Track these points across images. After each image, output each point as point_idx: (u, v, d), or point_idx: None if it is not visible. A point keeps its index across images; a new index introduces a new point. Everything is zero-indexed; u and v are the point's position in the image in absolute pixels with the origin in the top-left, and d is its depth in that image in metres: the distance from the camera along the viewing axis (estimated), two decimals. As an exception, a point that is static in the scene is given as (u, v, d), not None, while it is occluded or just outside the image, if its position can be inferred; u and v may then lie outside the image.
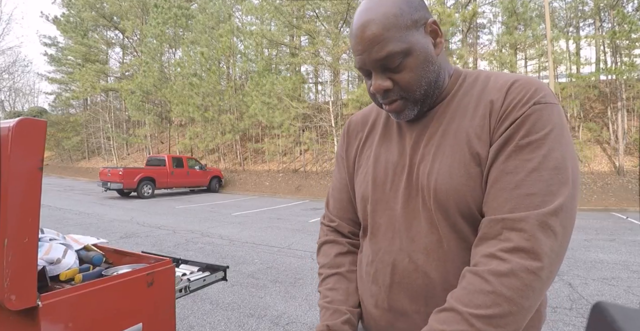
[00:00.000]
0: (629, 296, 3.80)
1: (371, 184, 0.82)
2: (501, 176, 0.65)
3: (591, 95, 15.70)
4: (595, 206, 11.54)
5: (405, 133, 0.81)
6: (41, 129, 0.85)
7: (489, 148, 0.68)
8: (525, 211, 0.61)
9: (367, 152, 0.88)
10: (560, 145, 0.64)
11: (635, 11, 14.29)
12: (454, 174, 0.70)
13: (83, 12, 28.23)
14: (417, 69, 0.71)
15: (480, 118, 0.70)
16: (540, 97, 0.66)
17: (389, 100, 0.74)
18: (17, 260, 0.83)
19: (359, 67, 0.74)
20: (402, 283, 0.75)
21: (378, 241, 0.80)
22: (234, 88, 20.62)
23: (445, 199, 0.70)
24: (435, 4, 15.23)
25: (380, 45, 0.68)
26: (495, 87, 0.72)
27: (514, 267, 0.58)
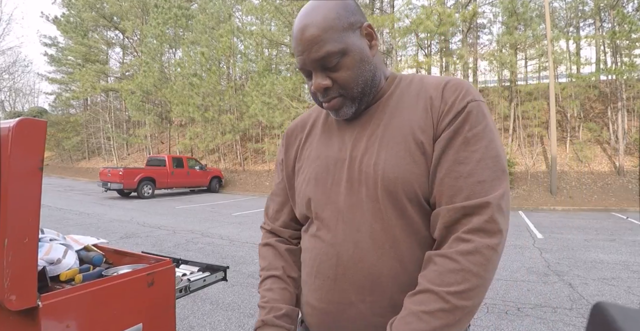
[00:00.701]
0: (629, 296, 3.80)
1: (313, 181, 0.84)
2: (454, 166, 0.71)
3: (591, 95, 15.70)
4: (596, 206, 11.54)
5: (345, 130, 0.85)
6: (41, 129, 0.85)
7: (432, 138, 0.74)
8: (480, 197, 0.68)
9: (307, 151, 0.91)
10: (494, 136, 0.73)
11: (635, 11, 14.28)
12: (400, 162, 0.74)
13: (83, 12, 28.22)
14: (354, 67, 0.76)
15: (421, 112, 0.76)
16: (474, 95, 0.75)
17: (329, 97, 0.78)
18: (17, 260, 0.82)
19: (300, 68, 0.78)
20: (346, 274, 0.77)
21: (321, 235, 0.82)
22: (234, 89, 20.62)
23: (393, 186, 0.74)
24: (435, 4, 15.24)
25: (319, 45, 0.73)
26: (432, 85, 0.79)
27: (477, 245, 0.65)
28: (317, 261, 0.81)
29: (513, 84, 16.59)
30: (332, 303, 0.78)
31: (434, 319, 0.63)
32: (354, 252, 0.76)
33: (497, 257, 0.67)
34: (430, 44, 18.63)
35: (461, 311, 0.64)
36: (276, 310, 0.83)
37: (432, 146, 0.74)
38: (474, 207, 0.67)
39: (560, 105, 15.69)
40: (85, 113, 31.12)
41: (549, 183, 13.29)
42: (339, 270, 0.77)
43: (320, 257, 0.81)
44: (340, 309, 0.78)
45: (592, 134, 15.02)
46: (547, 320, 3.16)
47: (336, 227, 0.79)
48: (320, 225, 0.82)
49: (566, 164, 14.40)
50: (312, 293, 0.83)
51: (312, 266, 0.83)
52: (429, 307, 0.64)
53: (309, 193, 0.85)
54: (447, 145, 0.72)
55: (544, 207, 11.75)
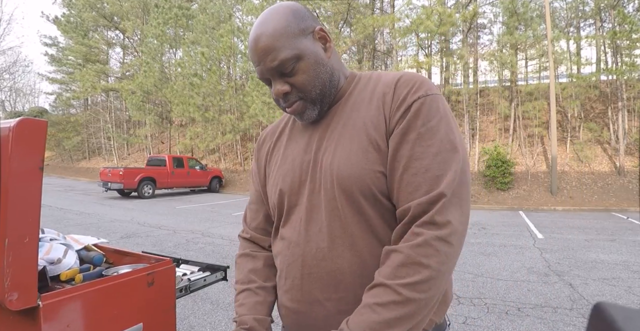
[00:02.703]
0: (629, 296, 3.80)
1: (280, 185, 0.86)
2: (411, 162, 0.71)
3: (592, 95, 15.69)
4: (596, 206, 11.53)
5: (311, 132, 0.86)
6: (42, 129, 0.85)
7: (385, 134, 0.75)
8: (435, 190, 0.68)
9: (275, 157, 0.93)
10: (450, 129, 0.73)
11: (635, 11, 14.28)
12: (353, 159, 0.75)
13: (84, 12, 28.21)
14: (310, 71, 0.78)
15: (375, 109, 0.78)
16: (426, 89, 0.75)
17: (290, 102, 0.80)
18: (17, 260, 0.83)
19: (260, 77, 0.81)
20: (312, 273, 0.78)
21: (288, 237, 0.83)
22: (234, 89, 20.62)
23: (348, 184, 0.75)
24: (435, 4, 15.24)
25: (273, 54, 0.75)
26: (385, 82, 0.80)
27: (426, 238, 0.66)
28: (286, 263, 0.83)
29: (513, 84, 16.58)
30: (302, 302, 0.80)
31: (387, 311, 0.64)
32: (317, 251, 0.78)
33: (449, 248, 0.67)
34: (431, 44, 18.63)
35: (414, 303, 0.65)
36: (242, 323, 0.84)
37: (386, 142, 0.75)
38: (428, 202, 0.68)
39: (560, 105, 15.68)
40: (85, 113, 31.12)
41: (549, 183, 13.29)
42: (304, 270, 0.79)
43: (288, 259, 0.82)
44: (309, 308, 0.80)
45: (593, 134, 15.01)
46: (548, 320, 3.16)
47: (300, 228, 0.81)
48: (288, 227, 0.84)
49: (566, 164, 14.39)
50: (285, 294, 0.84)
51: (282, 269, 0.85)
52: (381, 299, 0.65)
53: (277, 196, 0.86)
54: (401, 141, 0.73)
55: (545, 207, 11.74)
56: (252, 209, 1.00)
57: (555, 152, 13.35)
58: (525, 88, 16.23)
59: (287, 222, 0.85)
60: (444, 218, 0.67)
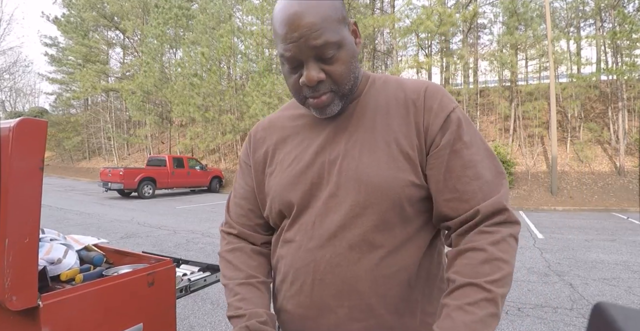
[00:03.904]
0: (629, 296, 3.80)
1: (289, 185, 0.81)
2: (463, 171, 0.72)
3: (592, 95, 15.69)
4: (596, 206, 11.53)
5: (321, 131, 0.82)
6: (42, 129, 0.85)
7: (415, 143, 0.75)
8: (492, 197, 0.71)
9: (280, 155, 0.86)
10: (482, 137, 0.78)
11: (636, 11, 14.27)
12: (383, 167, 0.73)
13: (84, 12, 28.22)
14: (347, 62, 0.73)
15: (403, 118, 0.76)
16: (453, 100, 0.77)
17: (320, 93, 0.73)
18: (18, 260, 0.83)
19: (291, 56, 0.71)
20: (324, 279, 0.75)
21: (298, 240, 0.79)
22: (234, 89, 20.62)
23: (377, 192, 0.73)
24: (435, 4, 15.24)
25: (318, 32, 0.68)
26: (412, 89, 0.78)
27: (503, 235, 0.69)
28: (294, 267, 0.79)
29: (513, 84, 16.58)
30: (311, 308, 0.77)
31: (480, 309, 0.63)
32: (331, 257, 0.74)
33: (516, 244, 0.71)
34: (431, 44, 18.63)
35: (501, 299, 0.65)
36: (257, 315, 0.77)
37: (416, 152, 0.74)
38: (493, 205, 0.70)
39: (560, 105, 15.68)
40: (85, 113, 31.13)
41: (549, 184, 13.28)
42: (316, 275, 0.76)
43: (297, 263, 0.79)
44: (319, 314, 0.77)
45: (593, 134, 15.01)
46: (548, 320, 3.16)
47: (313, 232, 0.77)
48: (297, 230, 0.80)
49: (567, 164, 14.38)
50: (290, 299, 0.81)
51: (288, 273, 0.80)
52: (472, 298, 0.64)
53: (286, 197, 0.81)
54: (450, 152, 0.73)
55: (545, 207, 11.74)
56: (238, 204, 0.93)
57: (556, 152, 13.35)
58: (525, 89, 16.23)
59: (296, 224, 0.81)
60: (513, 217, 0.71)
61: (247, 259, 0.88)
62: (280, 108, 0.96)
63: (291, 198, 0.80)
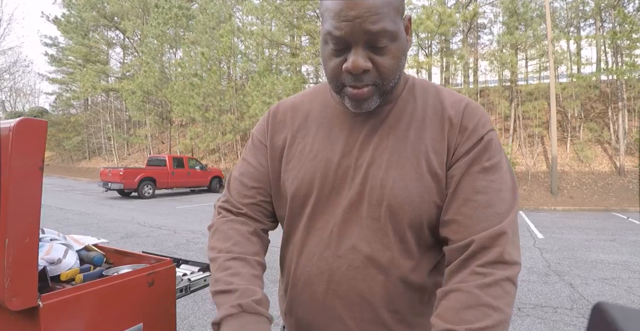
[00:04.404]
0: (629, 296, 3.80)
1: (308, 184, 0.75)
2: (473, 195, 0.67)
3: (592, 95, 15.70)
4: (596, 206, 11.53)
5: (350, 130, 0.75)
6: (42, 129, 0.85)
7: (444, 163, 0.70)
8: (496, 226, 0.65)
9: (300, 145, 0.79)
10: (509, 168, 0.72)
11: (636, 11, 14.27)
12: (410, 185, 0.69)
13: (84, 12, 28.25)
14: (397, 57, 0.66)
15: (438, 133, 0.71)
16: (491, 123, 0.73)
17: (363, 83, 0.66)
18: (17, 260, 0.83)
19: (341, 36, 0.63)
20: (338, 290, 0.73)
21: (312, 246, 0.75)
22: (234, 89, 20.62)
23: (399, 209, 0.69)
24: (435, 4, 15.24)
25: (377, 17, 0.61)
26: (450, 104, 0.73)
27: (496, 278, 0.61)
28: (307, 273, 0.76)
29: (513, 84, 16.58)
30: (321, 316, 0.75)
31: None
32: (348, 270, 0.72)
33: (515, 290, 0.63)
34: (431, 44, 18.62)
35: None
36: (252, 293, 0.67)
37: (444, 171, 0.70)
38: (491, 238, 0.64)
39: (560, 105, 15.68)
40: (85, 113, 31.14)
41: (549, 183, 13.28)
42: (330, 285, 0.73)
43: (311, 269, 0.75)
44: (328, 323, 0.75)
45: (593, 134, 15.02)
46: (548, 320, 3.16)
47: (330, 241, 0.73)
48: (312, 235, 0.76)
49: (567, 164, 14.39)
50: (299, 304, 0.78)
51: (299, 277, 0.77)
52: None
53: (302, 196, 0.76)
54: (464, 173, 0.69)
55: (545, 207, 11.74)
56: (244, 183, 0.83)
57: (556, 152, 13.35)
58: (525, 88, 16.24)
59: (312, 229, 0.76)
60: (511, 257, 0.63)
61: (246, 235, 0.78)
62: (307, 90, 0.88)
63: (308, 198, 0.75)
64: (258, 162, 0.83)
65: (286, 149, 0.80)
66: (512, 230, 0.65)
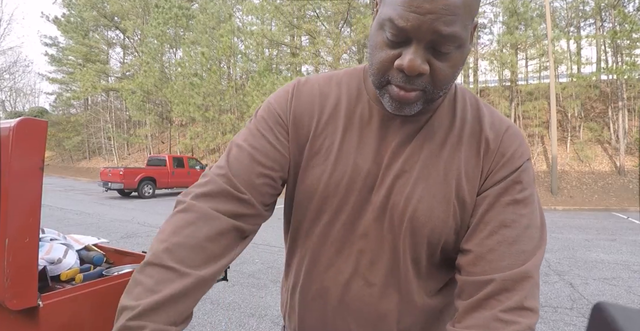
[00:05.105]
0: (630, 296, 3.80)
1: (334, 188, 0.68)
2: (499, 228, 0.62)
3: (592, 95, 15.70)
4: (596, 206, 11.53)
5: (385, 136, 0.68)
6: (42, 129, 0.85)
7: (476, 189, 0.65)
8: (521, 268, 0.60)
9: (327, 141, 0.69)
10: (539, 202, 0.67)
11: (636, 11, 14.27)
12: (435, 209, 0.65)
13: (84, 12, 28.26)
14: (457, 66, 0.59)
15: (474, 156, 0.66)
16: (529, 152, 0.68)
17: (412, 87, 0.58)
18: (18, 260, 0.83)
19: (404, 28, 0.54)
20: (351, 305, 0.70)
21: (329, 257, 0.71)
22: (234, 88, 20.63)
23: (419, 232, 0.65)
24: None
25: (453, 18, 0.53)
26: (490, 124, 0.68)
27: (518, 328, 0.56)
28: (318, 284, 0.73)
29: (514, 84, 16.58)
30: (331, 327, 0.74)
31: None
32: (364, 286, 0.69)
33: None
34: (431, 43, 18.61)
35: None
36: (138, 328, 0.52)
37: (474, 199, 0.65)
38: (515, 280, 0.59)
39: (560, 105, 15.68)
40: (85, 113, 31.15)
41: (549, 183, 13.28)
42: (345, 299, 0.70)
43: (324, 281, 0.72)
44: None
45: (593, 134, 15.02)
46: (548, 319, 3.16)
47: (349, 254, 0.69)
48: (329, 245, 0.71)
49: (567, 164, 14.39)
50: (309, 313, 0.76)
51: (311, 287, 0.74)
52: None
53: (322, 202, 0.69)
54: (494, 203, 0.63)
55: (545, 206, 11.74)
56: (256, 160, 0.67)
57: (556, 152, 13.35)
58: (525, 88, 16.24)
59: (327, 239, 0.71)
60: (533, 304, 0.58)
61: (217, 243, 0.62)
62: (337, 72, 0.76)
63: (328, 205, 0.69)
64: (276, 138, 0.69)
65: (310, 140, 0.70)
66: (536, 272, 0.61)
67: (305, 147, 0.70)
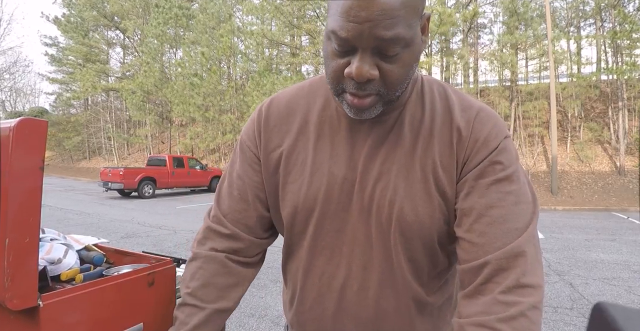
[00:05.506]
0: (630, 296, 3.80)
1: (313, 200, 0.69)
2: (487, 210, 0.61)
3: (592, 95, 15.70)
4: (596, 206, 11.53)
5: (356, 141, 0.68)
6: (42, 129, 0.85)
7: (453, 178, 0.65)
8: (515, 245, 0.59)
9: (301, 156, 0.71)
10: (526, 177, 0.65)
11: (636, 11, 14.27)
12: (419, 205, 0.65)
13: (84, 12, 28.27)
14: (407, 66, 0.59)
15: (447, 146, 0.65)
16: (505, 129, 0.67)
17: (365, 93, 0.59)
18: (18, 260, 0.83)
19: (346, 38, 0.55)
20: (349, 310, 0.70)
21: (321, 265, 0.72)
22: (234, 88, 20.64)
23: (409, 229, 0.65)
24: (435, 4, 15.23)
25: (392, 21, 0.53)
26: (460, 112, 0.67)
27: (522, 308, 0.55)
28: (315, 292, 0.74)
29: (514, 84, 16.59)
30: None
31: None
32: (359, 289, 0.69)
33: (540, 317, 0.56)
34: (431, 43, 18.62)
35: None
36: None
37: (453, 187, 0.65)
38: (507, 258, 0.58)
39: (560, 105, 15.68)
40: (85, 113, 31.16)
41: (549, 183, 13.28)
42: (341, 304, 0.71)
43: (320, 289, 0.73)
44: None
45: (593, 134, 15.02)
46: (548, 319, 3.16)
47: (340, 259, 0.70)
48: (319, 254, 0.72)
49: (567, 164, 14.39)
50: (310, 322, 0.76)
51: (308, 296, 0.75)
52: None
53: (305, 214, 0.71)
54: (475, 186, 0.62)
55: (545, 206, 11.74)
56: (234, 197, 0.76)
57: (556, 152, 13.35)
58: (525, 88, 16.25)
59: (317, 246, 0.72)
60: (532, 280, 0.57)
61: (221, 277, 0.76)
62: (304, 83, 0.78)
63: (311, 216, 0.71)
64: (253, 170, 0.76)
65: (284, 159, 0.73)
66: (531, 247, 0.59)
67: (280, 167, 0.73)
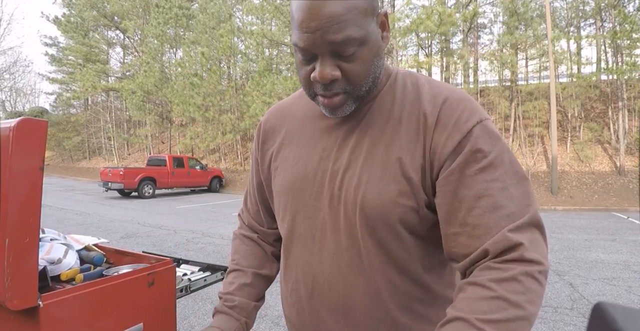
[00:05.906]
0: (630, 296, 3.80)
1: (290, 190, 0.76)
2: (476, 202, 0.61)
3: (592, 95, 15.69)
4: (596, 206, 11.53)
5: (329, 133, 0.75)
6: (42, 129, 0.85)
7: (421, 165, 0.66)
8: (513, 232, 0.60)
9: (286, 151, 0.80)
10: (511, 157, 0.64)
11: (636, 11, 14.27)
12: (383, 190, 0.66)
13: (84, 12, 28.26)
14: (368, 61, 0.64)
15: (414, 133, 0.67)
16: (480, 113, 0.66)
17: (332, 92, 0.65)
18: (18, 260, 0.83)
19: (304, 48, 0.62)
20: (322, 295, 0.73)
21: (297, 251, 0.77)
22: (234, 88, 20.63)
23: (372, 215, 0.67)
24: (435, 3, 15.23)
25: (340, 25, 0.59)
26: (427, 99, 0.68)
27: (513, 273, 0.56)
28: (292, 278, 0.78)
29: (514, 84, 16.58)
30: (308, 319, 0.77)
31: None
32: (329, 275, 0.72)
33: (538, 287, 0.57)
34: (431, 43, 18.63)
35: None
36: (230, 300, 0.83)
37: (419, 175, 0.65)
38: (505, 241, 0.58)
39: (560, 105, 15.68)
40: (85, 113, 31.14)
41: (549, 183, 13.28)
42: (315, 291, 0.74)
43: (296, 274, 0.77)
44: (315, 325, 0.76)
45: (593, 134, 15.01)
46: (548, 319, 3.16)
47: (313, 246, 0.74)
48: (296, 239, 0.77)
49: (567, 164, 14.39)
50: (290, 308, 0.81)
51: (287, 282, 0.81)
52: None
53: (286, 202, 0.78)
54: (459, 179, 0.62)
55: (545, 206, 11.74)
56: (252, 201, 0.95)
57: (556, 152, 13.35)
58: (525, 88, 16.24)
59: (295, 234, 0.77)
60: (533, 255, 0.57)
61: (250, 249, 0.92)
62: (298, 91, 0.86)
63: (289, 204, 0.77)
64: (255, 173, 0.91)
65: (274, 157, 0.83)
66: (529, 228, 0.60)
67: (271, 164, 0.84)
